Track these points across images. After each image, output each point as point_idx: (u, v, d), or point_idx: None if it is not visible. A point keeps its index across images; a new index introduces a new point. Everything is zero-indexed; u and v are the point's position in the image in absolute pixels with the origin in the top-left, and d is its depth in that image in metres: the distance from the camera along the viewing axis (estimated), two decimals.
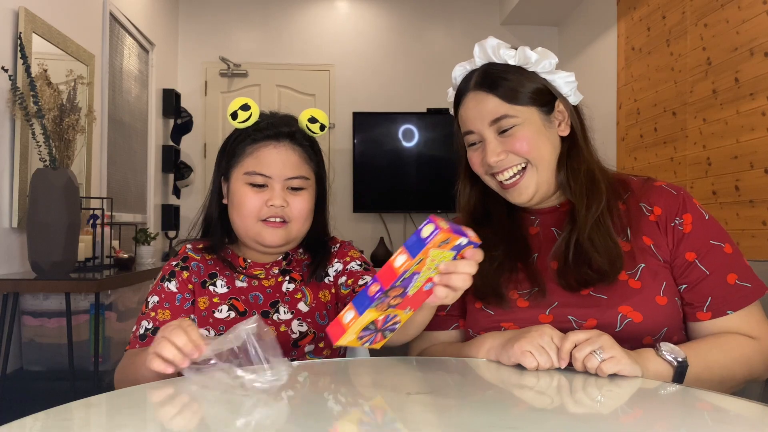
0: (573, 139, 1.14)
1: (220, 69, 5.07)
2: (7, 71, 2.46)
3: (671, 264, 1.08)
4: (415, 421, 0.75)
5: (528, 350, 0.94)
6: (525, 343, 0.95)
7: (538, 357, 0.94)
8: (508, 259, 1.13)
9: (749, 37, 2.82)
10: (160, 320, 1.14)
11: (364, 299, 0.83)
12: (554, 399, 0.85)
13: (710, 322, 1.05)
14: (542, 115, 1.12)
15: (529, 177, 1.11)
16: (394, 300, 0.85)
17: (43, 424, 0.71)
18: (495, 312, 1.11)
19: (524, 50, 1.11)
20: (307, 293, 1.20)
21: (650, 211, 1.11)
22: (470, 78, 1.15)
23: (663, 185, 1.13)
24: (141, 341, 1.14)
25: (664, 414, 0.78)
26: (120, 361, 1.14)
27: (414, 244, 0.81)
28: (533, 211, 1.19)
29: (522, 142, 1.09)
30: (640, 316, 1.02)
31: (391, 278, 0.81)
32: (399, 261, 0.82)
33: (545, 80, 1.13)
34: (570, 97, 1.15)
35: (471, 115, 1.14)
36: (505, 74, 1.12)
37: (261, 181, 1.15)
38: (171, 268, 1.19)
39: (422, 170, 4.92)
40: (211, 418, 0.75)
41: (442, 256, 0.84)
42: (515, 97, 1.10)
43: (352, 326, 0.84)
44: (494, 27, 5.19)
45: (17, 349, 2.60)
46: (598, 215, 1.08)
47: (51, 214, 2.34)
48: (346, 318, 0.84)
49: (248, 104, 1.17)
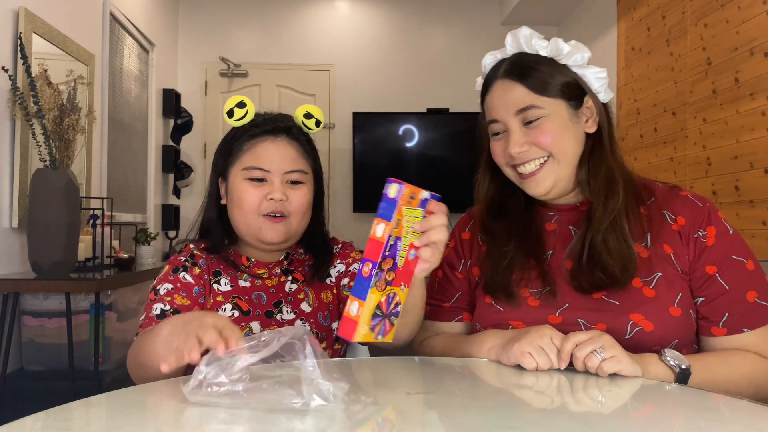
0: (598, 137, 1.12)
1: (220, 69, 5.07)
2: (7, 71, 2.46)
3: (690, 275, 1.06)
4: (415, 421, 0.75)
5: (527, 351, 0.94)
6: (524, 343, 0.95)
7: (537, 358, 0.93)
8: (520, 255, 1.12)
9: (749, 37, 2.82)
10: (179, 303, 1.11)
11: (362, 283, 0.83)
12: (554, 399, 0.85)
13: (725, 338, 1.03)
14: (570, 110, 1.10)
15: (549, 170, 1.09)
16: (389, 275, 0.85)
17: (43, 424, 0.71)
18: (504, 309, 1.10)
19: (557, 41, 1.09)
20: (310, 294, 1.21)
21: (674, 219, 1.09)
22: (500, 66, 1.13)
23: (689, 195, 1.11)
24: (159, 320, 1.09)
25: (664, 414, 0.78)
26: (132, 345, 1.08)
27: (386, 208, 0.83)
28: (552, 206, 1.17)
29: (546, 134, 1.07)
30: (651, 325, 1.01)
31: (378, 250, 0.82)
32: (379, 231, 0.82)
33: (576, 74, 1.11)
34: (600, 93, 1.13)
35: (497, 104, 1.12)
36: (535, 64, 1.10)
37: (260, 175, 1.15)
38: (181, 263, 1.17)
39: (422, 170, 4.92)
40: (211, 417, 0.75)
41: (413, 214, 0.86)
42: (544, 89, 1.08)
43: (362, 316, 0.83)
44: (494, 27, 5.19)
45: (17, 349, 2.60)
46: (613, 216, 1.06)
47: (51, 214, 2.34)
48: (352, 310, 0.83)
49: (244, 102, 1.17)
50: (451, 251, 1.25)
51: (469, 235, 1.24)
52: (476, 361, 1.04)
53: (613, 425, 0.74)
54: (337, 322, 1.20)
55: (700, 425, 0.75)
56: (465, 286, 1.21)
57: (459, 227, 1.28)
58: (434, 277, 1.26)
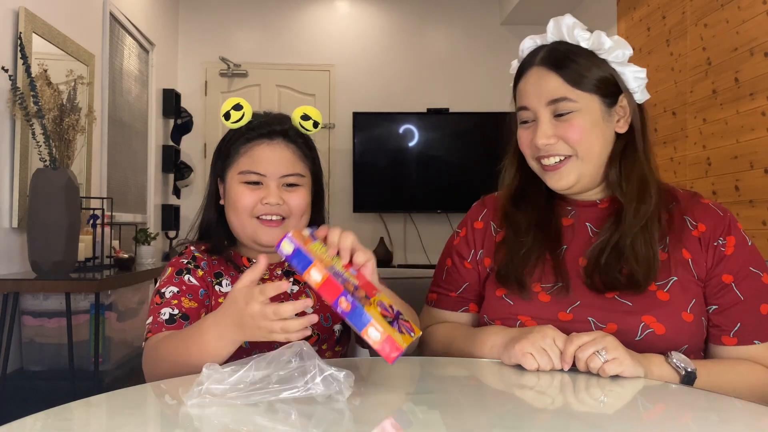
0: (631, 138, 1.10)
1: (220, 69, 5.07)
2: (7, 71, 2.46)
3: (705, 283, 1.06)
4: (415, 421, 0.75)
5: (529, 352, 0.94)
6: (526, 344, 0.94)
7: (538, 359, 0.93)
8: (537, 247, 1.11)
9: (749, 37, 2.81)
10: (187, 308, 1.11)
11: (355, 312, 0.81)
12: (555, 399, 0.85)
13: (734, 348, 1.03)
14: (603, 107, 1.07)
15: (572, 166, 1.07)
16: (360, 292, 0.85)
17: (43, 424, 0.71)
18: (514, 302, 1.09)
19: (600, 35, 1.07)
20: (312, 296, 1.20)
21: (694, 226, 1.08)
22: (537, 53, 1.11)
23: (710, 204, 1.11)
24: (169, 325, 1.09)
25: (665, 414, 0.78)
26: (145, 352, 1.08)
27: (299, 259, 0.84)
28: (570, 201, 1.16)
29: (575, 130, 1.05)
30: (663, 328, 1.00)
31: (333, 286, 0.82)
32: (316, 275, 0.83)
33: (614, 71, 1.08)
34: (636, 93, 1.10)
35: (529, 91, 1.09)
36: (574, 55, 1.07)
37: (256, 179, 1.15)
38: (184, 265, 1.17)
39: (422, 170, 4.92)
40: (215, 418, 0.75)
41: (316, 248, 0.88)
42: (579, 82, 1.05)
43: (385, 328, 0.81)
44: (494, 27, 5.19)
45: (17, 349, 2.60)
46: (645, 221, 1.05)
47: (51, 214, 2.34)
48: (376, 334, 0.80)
49: (240, 104, 1.17)
50: (461, 240, 1.22)
51: (482, 225, 1.21)
52: (476, 360, 1.03)
53: (613, 425, 0.74)
54: (339, 325, 1.20)
55: (700, 425, 0.75)
56: (473, 276, 1.19)
57: (471, 216, 1.25)
58: (442, 265, 1.24)
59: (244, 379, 0.78)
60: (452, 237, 1.27)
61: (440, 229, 5.00)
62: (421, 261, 4.97)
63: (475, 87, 5.09)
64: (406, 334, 0.84)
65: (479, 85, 5.08)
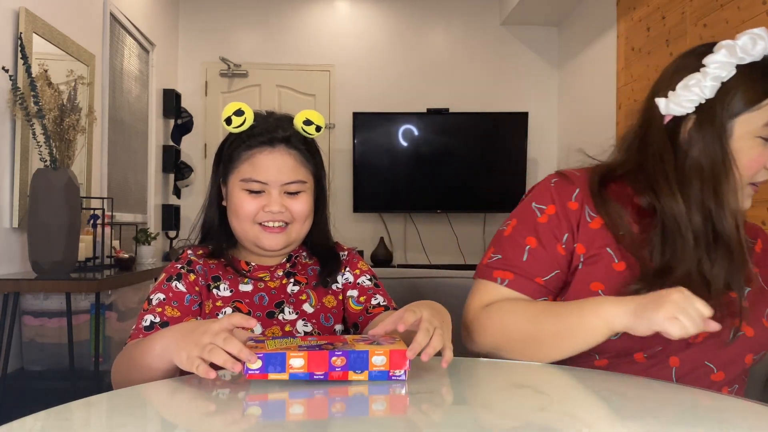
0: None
1: (221, 69, 5.07)
2: (8, 71, 2.46)
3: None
4: (415, 421, 0.75)
5: (674, 316, 0.86)
6: (672, 308, 0.86)
7: (687, 322, 0.85)
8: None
9: None
10: (168, 316, 1.12)
11: (354, 358, 0.83)
12: (555, 399, 0.85)
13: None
14: None
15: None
16: (336, 345, 0.87)
17: (43, 424, 0.71)
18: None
19: None
20: (312, 296, 1.20)
21: (754, 242, 1.12)
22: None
23: (747, 222, 1.12)
24: (147, 332, 1.10)
25: (664, 414, 0.78)
26: (119, 354, 1.10)
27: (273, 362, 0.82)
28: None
29: None
30: (752, 331, 1.01)
31: (319, 359, 0.83)
32: (297, 362, 0.82)
33: None
34: None
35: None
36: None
37: (257, 187, 1.15)
38: (177, 270, 1.17)
39: (422, 170, 4.91)
40: (214, 417, 0.75)
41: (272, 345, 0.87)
42: None
43: (376, 349, 0.85)
44: (494, 27, 5.19)
45: (17, 349, 2.60)
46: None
47: (51, 214, 2.34)
48: (380, 360, 0.84)
49: (242, 109, 1.16)
50: (553, 218, 1.06)
51: (577, 206, 1.06)
52: (476, 360, 1.03)
53: (613, 425, 0.74)
54: (340, 325, 1.20)
55: (700, 425, 0.75)
56: (565, 264, 1.05)
57: (560, 193, 1.08)
58: (518, 243, 1.07)
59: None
60: (529, 212, 1.09)
61: (440, 229, 5.00)
62: (422, 261, 4.98)
63: (475, 87, 5.09)
64: (395, 342, 0.89)
65: (479, 85, 5.09)
